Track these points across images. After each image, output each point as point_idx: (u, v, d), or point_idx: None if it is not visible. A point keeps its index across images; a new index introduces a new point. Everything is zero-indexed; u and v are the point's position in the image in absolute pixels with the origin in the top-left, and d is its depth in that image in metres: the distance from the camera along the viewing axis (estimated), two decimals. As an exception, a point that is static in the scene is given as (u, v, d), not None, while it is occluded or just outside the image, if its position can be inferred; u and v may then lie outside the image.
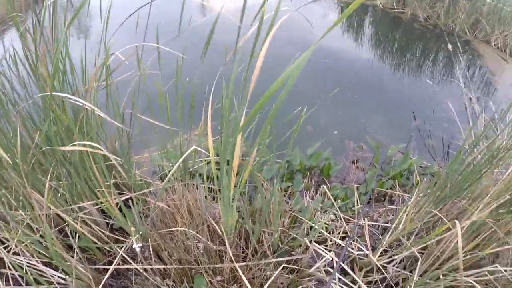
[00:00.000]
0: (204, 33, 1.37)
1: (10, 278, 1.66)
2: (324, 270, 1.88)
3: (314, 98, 3.73)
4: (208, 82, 1.77)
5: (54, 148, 1.59)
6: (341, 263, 1.92)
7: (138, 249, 1.45)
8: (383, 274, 1.93)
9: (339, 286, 1.80)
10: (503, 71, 4.98)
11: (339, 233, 2.18)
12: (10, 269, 1.62)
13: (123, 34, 1.77)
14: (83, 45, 1.81)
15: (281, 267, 1.67)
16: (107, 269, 1.73)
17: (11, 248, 1.63)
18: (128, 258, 1.77)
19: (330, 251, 1.95)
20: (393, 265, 1.97)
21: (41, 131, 1.63)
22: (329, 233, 2.14)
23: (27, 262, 1.62)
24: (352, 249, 2.02)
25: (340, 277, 1.88)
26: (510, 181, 1.74)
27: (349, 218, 2.31)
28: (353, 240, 2.07)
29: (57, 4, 1.65)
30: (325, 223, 2.17)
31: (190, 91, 1.83)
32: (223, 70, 1.59)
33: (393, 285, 1.91)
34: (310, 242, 1.79)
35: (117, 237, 1.87)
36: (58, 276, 1.66)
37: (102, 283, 1.64)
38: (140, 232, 1.68)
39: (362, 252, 2.00)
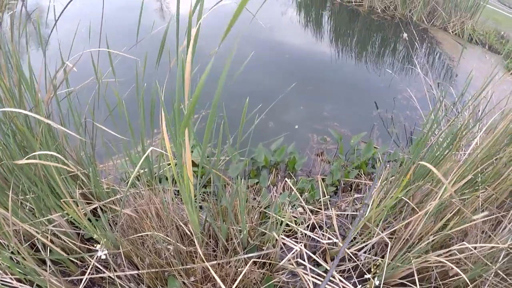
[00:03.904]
0: (168, 38, 1.38)
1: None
2: (296, 262, 1.92)
3: (274, 94, 3.73)
4: (168, 85, 1.78)
5: (14, 162, 1.58)
6: (311, 254, 1.96)
7: (104, 256, 1.46)
8: (355, 262, 1.98)
9: (312, 277, 1.83)
10: (462, 56, 5.13)
11: (308, 226, 2.23)
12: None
13: (85, 43, 1.77)
14: (43, 55, 1.80)
15: (250, 262, 1.70)
16: (82, 280, 1.73)
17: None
18: (101, 267, 1.77)
19: (300, 243, 1.99)
20: (364, 252, 2.03)
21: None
22: (298, 225, 2.18)
23: (1, 280, 1.61)
24: (322, 239, 2.06)
25: (313, 268, 1.92)
26: (472, 161, 1.81)
27: (318, 210, 2.35)
28: (323, 231, 2.12)
29: (14, 17, 1.64)
30: (294, 216, 2.21)
31: (151, 95, 1.84)
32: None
33: (365, 272, 1.96)
34: (278, 235, 1.82)
35: (88, 247, 1.86)
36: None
37: (76, 294, 1.65)
38: (110, 240, 1.69)
39: (331, 241, 2.04)
